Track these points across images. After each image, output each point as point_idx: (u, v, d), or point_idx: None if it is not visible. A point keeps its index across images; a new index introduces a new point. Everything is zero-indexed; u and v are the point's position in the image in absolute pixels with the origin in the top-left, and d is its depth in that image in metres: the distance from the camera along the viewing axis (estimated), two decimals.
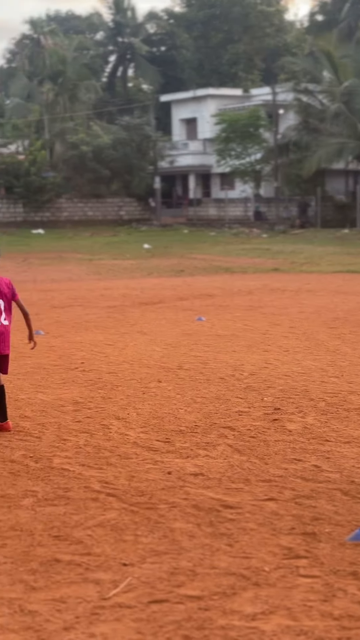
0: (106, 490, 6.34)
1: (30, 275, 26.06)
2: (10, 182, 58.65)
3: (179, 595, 4.58)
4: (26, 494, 6.28)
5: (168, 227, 57.36)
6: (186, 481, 6.51)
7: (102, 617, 4.35)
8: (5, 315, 7.91)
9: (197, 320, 15.64)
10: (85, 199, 62.02)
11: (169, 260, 32.08)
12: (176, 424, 8.24)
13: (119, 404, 9.09)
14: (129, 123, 61.85)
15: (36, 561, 5.05)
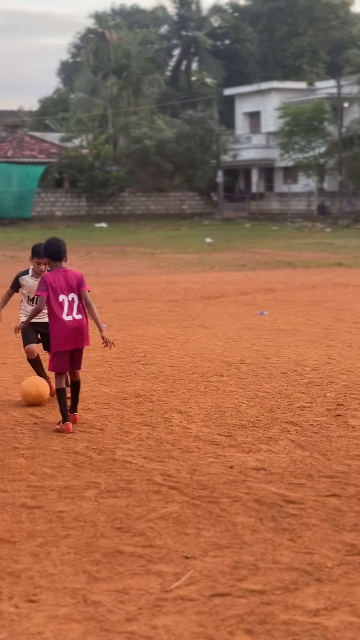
0: (168, 483, 6.36)
1: (93, 268, 26.23)
2: (74, 176, 59.08)
3: (241, 589, 4.58)
4: (89, 485, 6.33)
5: (230, 221, 57.26)
6: (248, 475, 6.50)
7: (164, 609, 4.37)
8: (77, 308, 7.92)
9: (259, 314, 15.60)
10: (148, 192, 62.21)
11: (231, 255, 32.03)
12: (238, 418, 8.23)
13: (181, 398, 9.12)
14: (192, 117, 61.85)
15: (99, 552, 5.10)
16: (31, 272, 9.01)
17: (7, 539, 5.31)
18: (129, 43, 69.67)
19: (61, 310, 7.85)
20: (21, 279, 9.04)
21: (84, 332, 7.95)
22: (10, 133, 64.66)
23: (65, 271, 8.01)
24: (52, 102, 76.99)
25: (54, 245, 8.04)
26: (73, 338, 7.88)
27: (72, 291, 7.92)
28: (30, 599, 4.50)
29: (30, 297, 8.98)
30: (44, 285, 7.88)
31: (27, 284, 9.00)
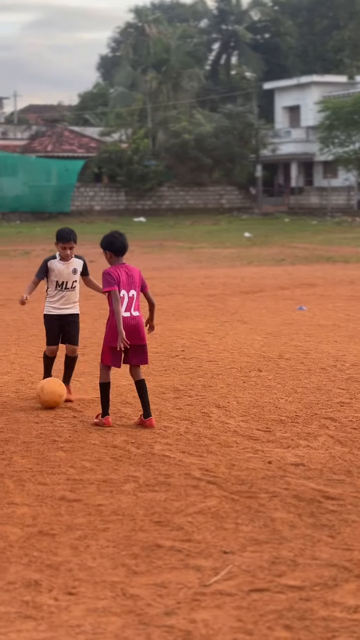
0: (206, 477, 6.37)
1: (132, 263, 26.21)
2: (113, 171, 59.23)
3: (280, 584, 4.57)
4: (128, 479, 6.35)
5: (269, 215, 57.09)
6: (287, 471, 6.49)
7: (202, 603, 4.37)
8: (136, 305, 7.80)
9: (298, 309, 15.54)
10: (187, 187, 62.19)
11: (269, 249, 31.93)
12: (277, 414, 8.21)
13: (219, 392, 9.11)
14: (231, 111, 61.71)
15: (138, 546, 5.11)
16: (58, 257, 8.78)
17: (46, 531, 5.35)
18: (169, 37, 69.68)
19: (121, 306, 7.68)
20: (50, 263, 8.75)
21: (140, 330, 7.78)
22: (50, 127, 65.00)
23: (127, 267, 7.84)
24: (92, 97, 77.22)
25: (119, 239, 7.87)
26: (130, 334, 7.68)
27: (133, 287, 7.77)
28: (69, 591, 4.53)
29: (59, 282, 8.75)
30: (112, 279, 7.66)
31: (56, 268, 8.73)
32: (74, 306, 8.91)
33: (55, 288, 8.79)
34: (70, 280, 8.77)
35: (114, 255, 7.85)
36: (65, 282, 8.73)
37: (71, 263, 8.77)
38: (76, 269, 8.82)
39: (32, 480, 6.33)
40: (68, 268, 8.75)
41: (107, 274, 7.72)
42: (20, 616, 4.26)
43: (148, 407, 7.79)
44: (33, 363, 10.72)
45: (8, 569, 4.81)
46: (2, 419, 8.08)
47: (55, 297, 8.81)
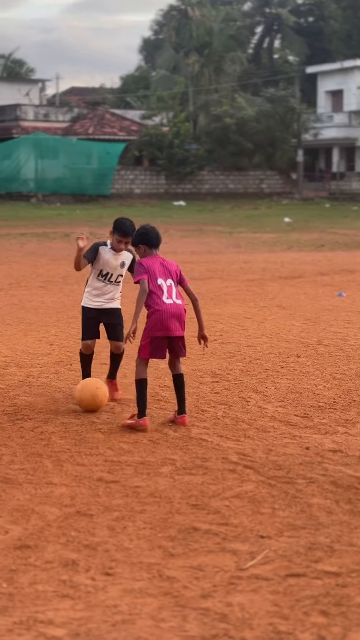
0: (244, 462, 6.37)
1: (171, 247, 26.26)
2: (154, 154, 59.17)
3: (316, 570, 4.57)
4: (165, 462, 6.37)
5: (309, 201, 56.75)
6: (324, 457, 6.47)
7: (239, 587, 4.38)
8: (177, 294, 7.35)
9: (338, 295, 15.46)
10: (227, 171, 61.97)
11: (309, 235, 31.77)
12: (315, 400, 8.19)
13: (257, 377, 9.10)
14: (273, 95, 61.33)
15: (174, 528, 5.13)
16: (109, 245, 8.07)
17: (84, 512, 5.39)
18: (212, 20, 69.32)
19: (161, 292, 7.23)
20: (101, 248, 8.08)
21: (182, 319, 7.32)
22: (92, 110, 65.05)
23: (162, 258, 7.46)
24: (134, 80, 77.13)
25: (153, 232, 7.45)
26: (171, 323, 7.22)
27: (170, 277, 7.33)
28: (106, 572, 4.56)
29: (103, 272, 8.09)
30: (142, 269, 7.27)
31: (104, 255, 8.05)
32: (116, 301, 8.27)
33: (98, 277, 8.14)
34: (115, 273, 8.12)
35: (147, 248, 7.44)
36: (110, 274, 8.10)
37: (121, 255, 8.09)
38: (124, 263, 8.14)
39: (70, 460, 6.38)
40: (117, 260, 8.08)
41: (139, 264, 7.38)
42: (58, 595, 4.30)
43: (184, 404, 7.39)
44: (72, 345, 10.77)
45: (46, 548, 4.85)
46: (41, 399, 8.13)
47: (95, 288, 8.16)
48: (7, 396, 8.25)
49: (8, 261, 21.75)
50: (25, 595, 4.30)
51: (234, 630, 3.95)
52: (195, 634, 3.92)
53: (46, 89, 76.44)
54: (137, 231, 7.55)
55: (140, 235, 7.49)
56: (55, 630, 3.95)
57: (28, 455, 6.50)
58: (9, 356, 10.09)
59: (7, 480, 5.95)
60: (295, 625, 4.00)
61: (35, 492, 5.72)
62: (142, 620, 4.04)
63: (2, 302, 14.63)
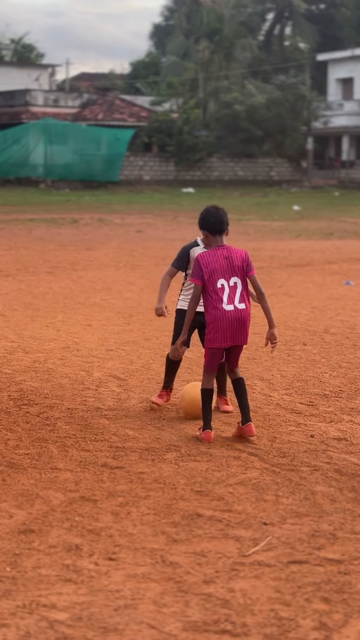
0: (248, 449, 6.39)
1: (179, 233, 26.26)
2: (163, 140, 59.03)
3: (319, 557, 4.58)
4: (170, 448, 6.39)
5: (319, 189, 56.60)
6: (329, 445, 6.48)
7: (241, 573, 4.40)
8: (240, 296, 6.52)
9: (345, 284, 15.43)
10: (237, 158, 61.82)
11: (318, 223, 31.69)
12: (320, 388, 8.19)
13: (263, 365, 9.11)
14: (283, 82, 61.09)
15: (178, 514, 5.15)
16: (202, 244, 7.10)
17: (88, 497, 5.41)
18: (223, 6, 68.99)
19: (220, 297, 6.44)
20: (191, 250, 7.15)
21: (246, 326, 6.57)
22: (101, 96, 64.90)
23: (227, 249, 6.55)
24: (144, 66, 76.93)
25: (213, 214, 6.65)
26: (233, 333, 6.50)
27: (234, 274, 6.47)
28: (109, 557, 4.58)
29: None
30: (198, 270, 6.49)
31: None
32: None
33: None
34: None
35: (209, 234, 6.62)
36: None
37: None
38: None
39: (75, 446, 6.40)
40: None
41: (197, 261, 6.52)
42: (61, 579, 4.32)
43: (248, 411, 6.58)
44: (79, 331, 10.79)
45: (50, 532, 4.87)
46: (47, 385, 8.15)
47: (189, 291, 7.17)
48: (13, 381, 8.27)
49: (16, 247, 21.76)
50: (28, 579, 4.32)
51: (235, 615, 3.97)
52: (197, 619, 3.94)
53: (56, 74, 76.35)
54: (201, 213, 6.78)
55: (201, 220, 6.73)
56: (58, 614, 3.97)
57: (33, 440, 6.53)
58: (15, 341, 10.11)
59: (12, 464, 5.98)
60: (296, 612, 4.01)
61: (40, 477, 5.74)
62: (144, 605, 4.06)
63: (9, 287, 14.64)
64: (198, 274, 6.47)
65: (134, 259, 19.31)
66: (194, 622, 3.92)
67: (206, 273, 6.43)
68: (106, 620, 3.93)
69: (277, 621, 3.93)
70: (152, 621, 3.92)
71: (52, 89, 69.21)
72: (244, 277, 6.51)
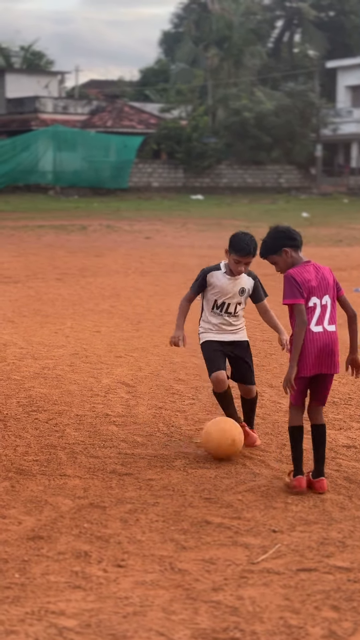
0: (257, 456, 6.38)
1: (188, 240, 26.26)
2: (172, 147, 59.10)
3: (328, 565, 4.57)
4: (178, 455, 6.38)
5: (327, 195, 56.58)
6: (338, 453, 6.47)
7: (250, 581, 4.39)
8: (330, 317, 5.82)
9: (355, 291, 15.40)
10: (245, 165, 61.84)
11: (327, 230, 31.67)
12: (330, 395, 8.16)
13: (272, 372, 9.10)
14: (292, 89, 61.12)
15: (187, 521, 5.15)
16: (224, 268, 6.64)
17: (97, 503, 5.41)
18: (232, 14, 69.11)
19: (310, 317, 5.72)
20: (210, 275, 6.64)
21: (335, 352, 5.80)
22: (110, 103, 65.03)
23: (314, 265, 5.87)
24: (153, 73, 77.06)
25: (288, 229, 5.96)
26: (320, 359, 5.73)
27: (327, 292, 5.79)
28: (118, 563, 4.58)
29: (218, 302, 6.63)
30: (297, 286, 5.70)
31: (217, 282, 6.61)
32: (241, 331, 6.81)
33: (212, 310, 6.69)
34: (234, 302, 6.66)
35: (293, 251, 5.86)
36: (226, 304, 6.65)
37: (239, 280, 6.67)
38: (244, 289, 6.73)
39: (84, 453, 6.40)
40: (235, 286, 6.64)
41: (290, 278, 5.75)
42: (70, 586, 4.32)
43: (322, 464, 5.76)
44: (88, 337, 10.80)
45: (59, 539, 4.87)
46: (56, 391, 8.16)
47: (213, 325, 6.72)
48: (22, 388, 8.28)
49: (25, 253, 21.79)
50: (37, 585, 4.32)
51: (244, 623, 3.96)
52: (206, 626, 3.93)
53: (65, 82, 76.47)
54: (273, 233, 5.96)
55: (280, 237, 5.93)
56: (67, 621, 3.97)
57: (42, 446, 6.53)
58: (24, 348, 10.12)
59: (21, 471, 5.98)
60: (306, 620, 4.00)
61: (48, 484, 5.75)
62: (153, 612, 4.05)
63: (19, 294, 14.67)
64: (297, 293, 5.67)
65: (143, 265, 19.32)
66: (203, 629, 3.91)
67: (306, 290, 5.69)
68: (115, 628, 3.92)
69: (286, 629, 3.92)
70: (160, 628, 3.91)
71: (62, 96, 69.34)
72: (334, 296, 5.85)
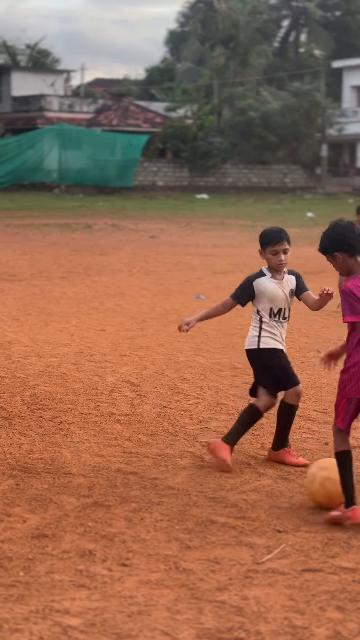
0: (262, 456, 6.37)
1: (193, 239, 26.25)
2: (177, 147, 59.09)
3: (333, 565, 4.56)
4: (183, 454, 6.38)
5: (332, 195, 56.53)
6: None
7: (255, 581, 4.39)
8: None
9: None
10: (250, 165, 61.82)
11: None
12: (334, 395, 8.14)
13: None
14: (298, 89, 61.09)
15: (192, 521, 5.14)
16: (268, 273, 6.33)
17: (101, 502, 5.40)
18: (238, 13, 69.07)
19: None
20: (256, 282, 6.28)
21: None
22: (116, 102, 65.03)
23: None
24: (159, 72, 77.00)
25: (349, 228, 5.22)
26: None
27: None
28: (123, 562, 4.57)
29: (274, 310, 6.33)
30: (357, 302, 5.08)
31: (266, 289, 6.28)
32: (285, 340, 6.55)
33: (271, 318, 6.36)
34: (287, 305, 6.39)
35: (347, 256, 5.22)
36: (283, 310, 6.35)
37: (286, 282, 6.36)
38: (293, 290, 6.43)
39: (88, 451, 6.39)
40: (284, 289, 6.34)
41: (349, 293, 5.10)
42: (74, 585, 4.32)
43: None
44: (92, 336, 10.80)
45: (63, 537, 4.87)
46: (61, 390, 8.16)
47: (274, 334, 6.41)
48: (27, 386, 8.28)
49: (30, 251, 21.80)
50: (41, 584, 4.32)
51: (249, 623, 3.95)
52: (211, 626, 3.93)
53: (71, 80, 76.47)
54: (329, 232, 5.35)
55: (335, 240, 5.28)
56: (71, 620, 3.96)
57: (47, 445, 6.53)
58: (29, 346, 10.12)
59: (25, 469, 5.98)
60: (310, 620, 3.99)
61: (53, 482, 5.74)
62: (157, 612, 4.05)
63: (23, 292, 14.67)
64: (356, 309, 5.07)
65: (148, 264, 19.32)
66: (208, 629, 3.91)
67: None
68: (119, 627, 3.92)
69: (291, 629, 3.91)
70: (165, 628, 3.91)
71: (67, 94, 69.38)
72: None
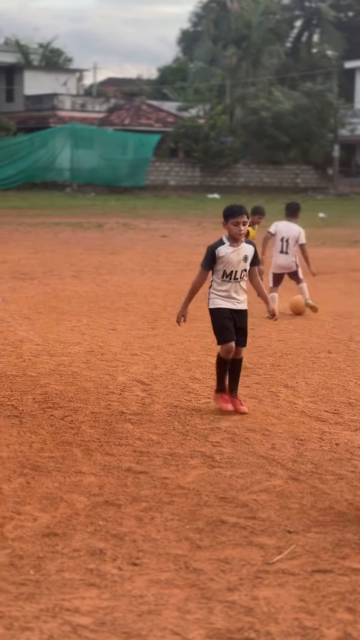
0: (272, 456, 6.36)
1: (204, 239, 26.24)
2: (189, 146, 59.10)
3: (343, 567, 4.55)
4: (194, 453, 6.37)
5: (344, 196, 56.43)
6: (354, 454, 6.44)
7: (265, 581, 4.38)
8: None
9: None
10: (262, 165, 61.78)
11: (343, 230, 31.59)
12: (346, 396, 8.15)
13: (288, 372, 9.08)
14: (310, 89, 61.03)
15: (202, 521, 5.14)
16: (227, 241, 7.48)
17: (112, 501, 5.41)
18: (251, 13, 69.02)
19: None
20: (218, 250, 7.44)
21: None
22: (128, 101, 65.06)
23: None
24: (171, 71, 77.05)
25: None
26: None
27: None
28: (133, 562, 4.57)
29: (226, 271, 7.44)
30: None
31: (224, 255, 7.44)
32: (244, 302, 7.61)
33: (222, 278, 7.49)
34: (239, 269, 7.46)
35: None
36: (234, 272, 7.45)
37: (242, 249, 7.46)
38: (247, 256, 7.50)
39: (99, 450, 6.40)
40: (239, 255, 7.45)
41: None
42: (84, 583, 4.32)
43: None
44: (103, 335, 10.80)
45: (74, 536, 4.87)
46: (72, 388, 8.17)
47: (223, 291, 7.52)
48: (38, 384, 8.29)
49: (42, 250, 21.83)
50: (52, 582, 4.32)
51: (259, 624, 3.95)
52: (221, 626, 3.92)
53: (83, 79, 76.55)
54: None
55: None
56: (81, 619, 3.97)
57: (58, 443, 6.53)
58: (40, 344, 10.14)
59: (36, 468, 5.99)
60: (321, 621, 3.99)
61: (64, 481, 5.75)
62: (167, 611, 4.05)
63: (35, 290, 14.69)
64: None
65: (159, 263, 19.32)
66: (218, 629, 3.90)
67: None
68: (129, 626, 3.92)
69: (301, 630, 3.91)
70: (175, 627, 3.91)
71: (80, 93, 69.45)
72: None
